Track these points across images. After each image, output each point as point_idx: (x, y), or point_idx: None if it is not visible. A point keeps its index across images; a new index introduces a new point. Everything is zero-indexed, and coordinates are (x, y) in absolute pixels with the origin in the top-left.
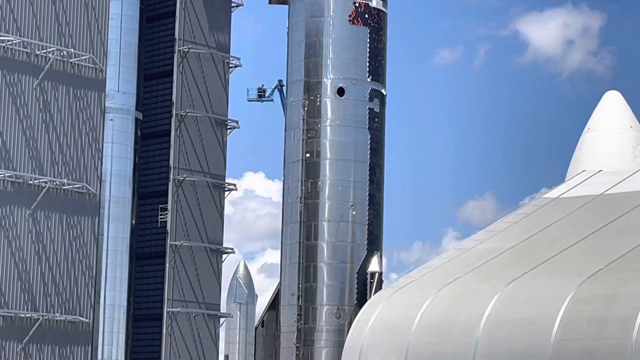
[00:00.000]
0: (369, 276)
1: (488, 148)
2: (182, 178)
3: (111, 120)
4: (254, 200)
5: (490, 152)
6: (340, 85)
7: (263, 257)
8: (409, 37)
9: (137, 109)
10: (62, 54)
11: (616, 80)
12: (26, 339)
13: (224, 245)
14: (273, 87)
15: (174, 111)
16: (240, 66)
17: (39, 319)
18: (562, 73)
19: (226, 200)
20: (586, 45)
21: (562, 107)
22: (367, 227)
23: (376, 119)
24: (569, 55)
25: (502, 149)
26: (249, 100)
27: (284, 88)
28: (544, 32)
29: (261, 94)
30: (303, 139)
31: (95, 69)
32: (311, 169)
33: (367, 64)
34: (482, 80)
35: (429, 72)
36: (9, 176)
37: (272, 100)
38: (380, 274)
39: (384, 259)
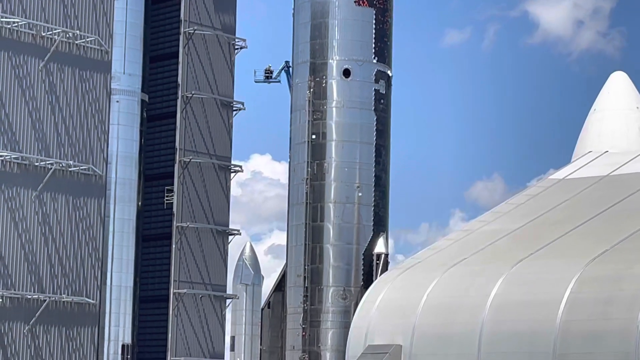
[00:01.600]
0: (375, 257)
1: (496, 129)
2: (188, 160)
3: (117, 102)
4: (262, 182)
5: (498, 133)
6: (346, 66)
7: (270, 239)
8: (417, 18)
9: (142, 90)
10: (67, 35)
11: (626, 61)
12: (33, 320)
13: (230, 226)
14: (280, 68)
15: (179, 93)
16: (246, 48)
17: (45, 300)
18: (572, 54)
19: (234, 182)
20: (596, 26)
21: (571, 88)
22: (373, 208)
23: (382, 101)
24: (578, 36)
25: (510, 130)
26: (256, 82)
27: (291, 69)
28: (554, 13)
29: (268, 75)
30: (309, 121)
31: (101, 50)
32: (317, 151)
33: (373, 45)
34: (490, 61)
35: (437, 53)
36: (15, 158)
37: (279, 81)
38: (386, 255)
39: (391, 241)
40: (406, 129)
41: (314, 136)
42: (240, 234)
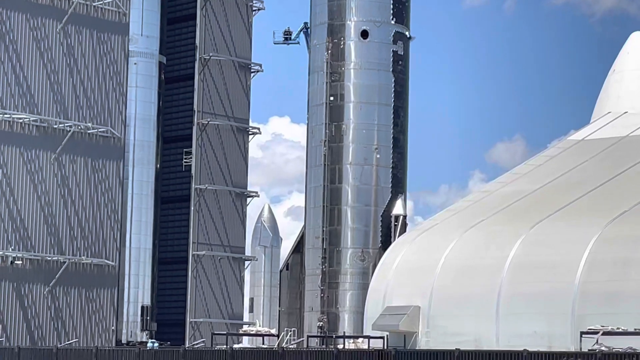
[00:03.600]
0: (393, 219)
1: (517, 90)
2: (206, 122)
3: (135, 64)
4: (283, 144)
5: (520, 94)
6: (364, 27)
7: (290, 200)
8: None
9: (160, 52)
10: None
11: None
12: (53, 281)
13: (249, 188)
14: (299, 29)
15: (197, 55)
16: (264, 9)
17: (65, 262)
18: (595, 14)
19: (255, 145)
20: None
21: (594, 48)
22: (391, 170)
23: (400, 62)
24: None
25: (532, 91)
26: (275, 43)
27: (309, 30)
28: None
29: (287, 37)
30: (327, 82)
31: (119, 12)
32: (335, 112)
33: (391, 6)
34: (513, 21)
35: (459, 14)
36: (33, 120)
37: (298, 43)
38: (405, 216)
39: (409, 202)
40: (425, 90)
41: (332, 98)
42: (258, 196)
